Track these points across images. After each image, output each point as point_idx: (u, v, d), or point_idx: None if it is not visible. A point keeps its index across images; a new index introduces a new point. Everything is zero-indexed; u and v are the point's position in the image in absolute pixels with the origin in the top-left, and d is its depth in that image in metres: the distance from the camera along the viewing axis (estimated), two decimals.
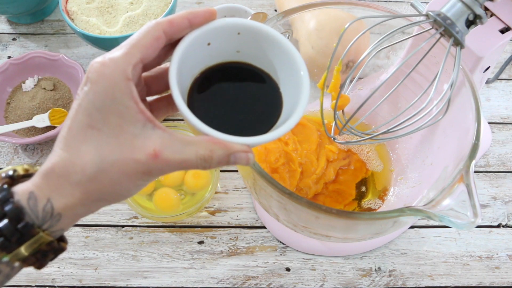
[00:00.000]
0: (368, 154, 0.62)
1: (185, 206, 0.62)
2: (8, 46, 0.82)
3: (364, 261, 0.63)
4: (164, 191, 0.63)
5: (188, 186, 0.63)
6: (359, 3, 0.52)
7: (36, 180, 0.28)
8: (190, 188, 0.63)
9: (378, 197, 0.60)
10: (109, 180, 0.27)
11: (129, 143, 0.27)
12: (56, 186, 0.27)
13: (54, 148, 0.28)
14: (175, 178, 0.63)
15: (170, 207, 0.62)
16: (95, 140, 0.27)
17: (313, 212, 0.41)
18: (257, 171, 0.42)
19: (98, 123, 0.27)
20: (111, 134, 0.27)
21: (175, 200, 0.62)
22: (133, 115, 0.27)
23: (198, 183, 0.63)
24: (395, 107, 0.60)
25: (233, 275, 0.61)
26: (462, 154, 0.43)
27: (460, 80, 0.47)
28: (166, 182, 0.63)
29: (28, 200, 0.27)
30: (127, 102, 0.27)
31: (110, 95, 0.26)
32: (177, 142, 0.27)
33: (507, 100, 0.76)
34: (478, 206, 0.37)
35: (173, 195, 0.62)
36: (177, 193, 0.63)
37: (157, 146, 0.27)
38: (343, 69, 0.64)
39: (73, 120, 0.27)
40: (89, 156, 0.27)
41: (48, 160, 0.28)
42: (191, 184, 0.63)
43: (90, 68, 0.28)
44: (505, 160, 0.70)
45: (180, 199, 0.63)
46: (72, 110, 0.28)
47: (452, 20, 0.41)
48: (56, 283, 0.61)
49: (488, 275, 0.62)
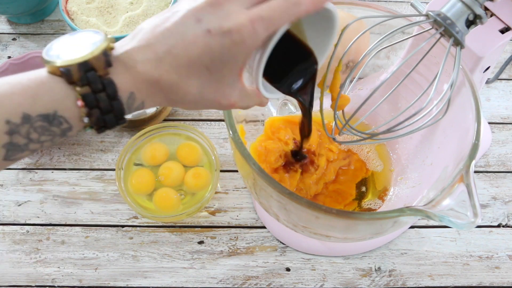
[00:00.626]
0: (368, 154, 0.62)
1: (185, 206, 0.62)
2: (8, 46, 0.82)
3: (364, 261, 0.63)
4: (164, 191, 0.62)
5: (188, 186, 0.63)
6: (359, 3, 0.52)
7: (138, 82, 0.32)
8: (190, 188, 0.63)
9: (378, 197, 0.60)
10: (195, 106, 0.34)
11: (223, 90, 0.34)
12: (154, 94, 0.32)
13: None
14: (175, 178, 0.63)
15: (170, 207, 0.61)
16: (204, 78, 0.32)
17: (313, 212, 0.41)
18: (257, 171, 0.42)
19: (214, 68, 0.32)
20: (217, 79, 0.33)
21: (175, 200, 0.62)
22: (236, 71, 0.33)
23: (198, 183, 0.63)
24: (395, 107, 0.60)
25: (233, 275, 0.61)
26: (462, 154, 0.43)
27: (460, 80, 0.47)
28: (166, 182, 0.63)
29: (128, 99, 0.32)
30: (240, 64, 0.33)
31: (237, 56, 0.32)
32: (245, 96, 0.36)
33: (507, 100, 0.76)
34: (478, 206, 0.37)
35: (173, 195, 0.62)
36: (177, 193, 0.63)
37: (236, 99, 0.35)
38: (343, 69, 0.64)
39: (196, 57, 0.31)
40: (194, 89, 0.33)
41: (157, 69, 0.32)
42: (191, 184, 0.63)
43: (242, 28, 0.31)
44: (505, 160, 0.70)
45: (180, 199, 0.63)
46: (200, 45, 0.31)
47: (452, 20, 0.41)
48: (56, 283, 0.61)
49: (488, 275, 0.62)
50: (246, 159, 0.43)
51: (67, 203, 0.67)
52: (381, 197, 0.59)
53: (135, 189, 0.62)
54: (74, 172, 0.69)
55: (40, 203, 0.67)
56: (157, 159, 0.64)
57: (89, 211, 0.66)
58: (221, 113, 0.74)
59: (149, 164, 0.64)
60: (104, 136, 0.72)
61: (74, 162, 0.70)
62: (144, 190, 0.63)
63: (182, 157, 0.65)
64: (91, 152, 0.71)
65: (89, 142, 0.72)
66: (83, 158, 0.70)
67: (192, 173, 0.63)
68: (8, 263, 0.62)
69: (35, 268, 0.62)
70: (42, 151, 0.71)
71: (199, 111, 0.74)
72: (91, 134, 0.72)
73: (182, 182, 0.63)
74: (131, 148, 0.65)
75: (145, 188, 0.63)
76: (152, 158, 0.64)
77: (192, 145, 0.65)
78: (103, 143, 0.71)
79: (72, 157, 0.70)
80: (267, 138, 0.59)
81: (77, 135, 0.72)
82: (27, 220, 0.65)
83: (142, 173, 0.63)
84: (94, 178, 0.68)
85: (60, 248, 0.63)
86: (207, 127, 0.73)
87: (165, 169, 0.63)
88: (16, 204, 0.67)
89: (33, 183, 0.68)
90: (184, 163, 0.64)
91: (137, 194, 0.63)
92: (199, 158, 0.65)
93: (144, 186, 0.62)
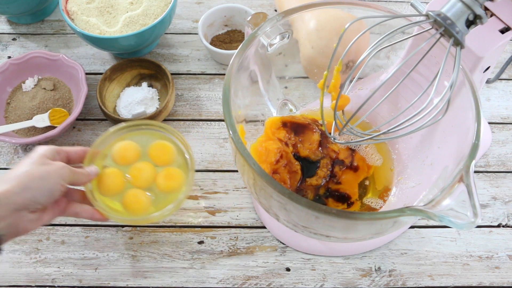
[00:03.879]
0: (367, 149, 0.62)
1: (157, 208, 0.57)
2: (8, 46, 0.82)
3: (364, 261, 0.63)
4: (134, 192, 0.57)
5: (160, 188, 0.58)
6: (359, 3, 0.52)
7: None
8: (162, 189, 0.58)
9: (379, 197, 0.60)
10: None
11: None
12: None
13: None
14: (145, 179, 0.58)
15: (140, 209, 0.57)
16: None
17: (313, 212, 0.41)
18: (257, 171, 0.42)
19: None
20: None
21: (145, 201, 0.57)
22: None
23: (170, 184, 0.58)
24: (395, 107, 0.60)
25: (233, 275, 0.61)
26: (462, 154, 0.43)
27: (460, 80, 0.47)
28: (136, 183, 0.57)
29: None
30: None
31: None
32: None
33: (507, 100, 0.76)
34: (478, 206, 0.37)
35: (143, 196, 0.57)
36: (147, 195, 0.57)
37: None
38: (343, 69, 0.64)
39: None
40: None
41: None
42: (162, 185, 0.58)
43: None
44: (505, 160, 0.70)
45: (151, 201, 0.57)
46: None
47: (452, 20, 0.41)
48: (56, 283, 0.61)
49: (488, 275, 0.62)
50: (246, 159, 0.43)
51: None
52: (382, 197, 0.59)
53: (103, 190, 0.56)
54: None
55: None
56: (128, 159, 0.58)
57: None
58: (221, 113, 0.74)
59: (118, 164, 0.58)
60: None
61: None
62: (112, 192, 0.57)
63: (155, 157, 0.59)
64: None
65: (89, 142, 0.72)
66: None
67: (164, 173, 0.58)
68: (8, 263, 0.62)
69: (35, 268, 0.62)
70: None
71: (199, 111, 0.74)
72: (91, 134, 0.72)
73: (153, 183, 0.58)
74: (101, 146, 0.59)
75: (114, 189, 0.57)
76: (122, 158, 0.58)
77: (165, 144, 0.59)
78: None
79: None
80: (268, 138, 0.59)
81: (77, 135, 0.72)
82: None
83: (111, 173, 0.57)
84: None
85: (60, 248, 0.63)
86: (207, 127, 0.73)
87: (134, 169, 0.58)
88: None
89: None
90: (156, 163, 0.59)
91: (106, 195, 0.57)
92: (172, 158, 0.59)
93: (112, 187, 0.57)
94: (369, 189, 0.61)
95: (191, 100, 0.76)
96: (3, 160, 0.70)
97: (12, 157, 0.70)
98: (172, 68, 0.78)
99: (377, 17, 0.47)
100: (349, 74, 0.46)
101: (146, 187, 0.58)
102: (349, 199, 0.59)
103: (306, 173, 0.59)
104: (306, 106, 0.66)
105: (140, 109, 0.70)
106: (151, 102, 0.72)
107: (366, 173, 0.61)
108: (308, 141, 0.60)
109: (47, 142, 0.71)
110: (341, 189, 0.59)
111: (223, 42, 0.80)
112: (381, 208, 0.59)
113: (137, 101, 0.71)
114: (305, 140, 0.60)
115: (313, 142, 0.60)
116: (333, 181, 0.59)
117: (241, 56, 0.49)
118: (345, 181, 0.60)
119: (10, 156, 0.71)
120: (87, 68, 0.78)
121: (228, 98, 0.46)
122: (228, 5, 0.79)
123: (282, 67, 0.64)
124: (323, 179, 0.59)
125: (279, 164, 0.57)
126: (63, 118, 0.70)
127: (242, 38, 0.81)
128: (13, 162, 0.70)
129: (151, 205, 0.57)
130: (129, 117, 0.70)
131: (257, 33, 0.51)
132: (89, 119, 0.74)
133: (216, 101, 0.76)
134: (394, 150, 0.62)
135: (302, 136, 0.60)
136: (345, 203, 0.59)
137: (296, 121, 0.60)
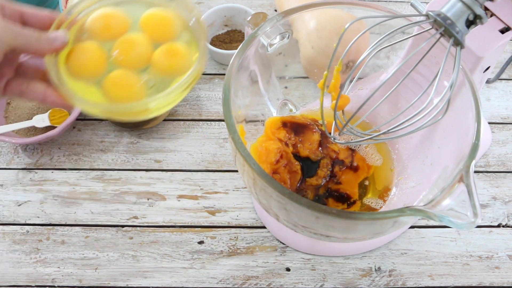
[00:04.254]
0: (367, 149, 0.62)
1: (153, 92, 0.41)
2: None
3: (364, 261, 0.63)
4: (120, 73, 0.40)
5: (158, 69, 0.41)
6: (359, 3, 0.52)
7: None
8: (161, 71, 0.41)
9: (379, 197, 0.60)
10: None
11: None
12: None
13: None
14: (138, 56, 0.41)
15: (129, 96, 0.40)
16: None
17: (313, 212, 0.41)
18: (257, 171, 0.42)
19: None
20: None
21: (137, 84, 0.40)
22: None
23: (174, 64, 0.41)
24: (395, 107, 0.60)
25: (233, 275, 0.61)
26: (462, 154, 0.43)
27: (460, 80, 0.47)
28: (124, 61, 0.40)
29: None
30: None
31: None
32: None
33: (507, 100, 0.76)
34: (478, 206, 0.37)
35: (134, 77, 0.41)
36: (140, 77, 0.41)
37: None
38: (343, 69, 0.64)
39: None
40: None
41: None
42: (162, 65, 0.41)
43: None
44: (505, 160, 0.70)
45: (145, 85, 0.41)
46: None
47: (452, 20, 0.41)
48: (56, 283, 0.61)
49: (488, 275, 0.62)
50: (246, 159, 0.43)
51: (67, 203, 0.67)
52: (383, 197, 0.59)
53: (75, 70, 0.40)
54: (74, 172, 0.69)
55: (40, 203, 0.67)
56: (112, 31, 0.41)
57: (89, 211, 0.66)
58: (221, 113, 0.74)
59: (99, 37, 0.41)
60: (104, 136, 0.72)
61: (74, 162, 0.70)
62: (89, 72, 0.40)
63: (150, 31, 0.42)
64: (91, 152, 0.71)
65: (89, 142, 0.72)
66: (83, 158, 0.70)
67: (165, 49, 0.41)
68: (8, 263, 0.62)
69: (35, 268, 0.62)
70: (42, 151, 0.71)
71: (199, 111, 0.74)
72: (91, 134, 0.72)
73: (149, 63, 0.41)
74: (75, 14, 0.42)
75: (90, 70, 0.40)
76: (104, 29, 0.41)
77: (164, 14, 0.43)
78: (103, 143, 0.71)
79: (72, 157, 0.70)
80: (268, 138, 0.59)
81: (77, 135, 0.72)
82: (27, 220, 0.65)
83: (88, 47, 0.40)
84: (94, 178, 0.68)
85: (60, 248, 0.63)
86: (207, 127, 0.73)
87: (122, 42, 0.41)
88: (16, 204, 0.67)
89: (33, 183, 0.68)
90: (152, 38, 0.42)
91: (79, 78, 0.40)
92: (174, 31, 0.42)
93: (89, 66, 0.40)
94: (369, 189, 0.61)
95: (191, 100, 0.76)
96: (3, 160, 0.70)
97: (12, 157, 0.70)
98: None
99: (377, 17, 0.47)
100: (349, 74, 0.46)
101: (138, 68, 0.41)
102: (349, 199, 0.59)
103: (306, 173, 0.59)
104: (306, 106, 0.66)
105: None
106: None
107: (366, 173, 0.61)
108: (308, 141, 0.60)
109: (47, 142, 0.71)
110: (341, 189, 0.59)
111: (223, 42, 0.80)
112: (381, 208, 0.59)
113: None
114: (305, 140, 0.60)
115: (313, 142, 0.60)
116: (333, 181, 0.59)
117: (241, 56, 0.49)
118: (345, 181, 0.60)
119: (10, 156, 0.71)
120: None
121: (228, 98, 0.46)
122: (228, 5, 0.79)
123: (282, 67, 0.64)
124: (323, 179, 0.59)
125: (279, 164, 0.57)
126: (63, 118, 0.70)
127: (242, 38, 0.80)
128: (13, 162, 0.70)
129: (146, 92, 0.40)
130: None
131: (257, 33, 0.51)
132: (89, 119, 0.74)
133: (216, 101, 0.76)
134: (394, 150, 0.62)
135: (302, 136, 0.60)
136: (345, 203, 0.59)
137: (296, 121, 0.60)
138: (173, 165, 0.70)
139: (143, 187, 0.68)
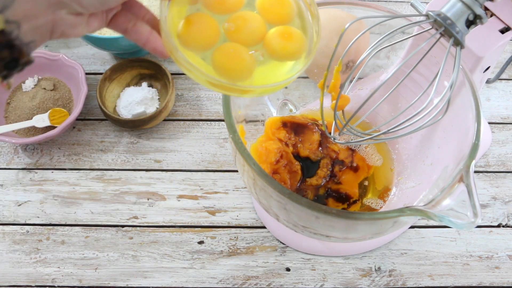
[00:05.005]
0: (367, 149, 0.62)
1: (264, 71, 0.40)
2: None
3: (364, 261, 0.63)
4: (232, 45, 0.39)
5: (271, 49, 0.40)
6: (359, 3, 0.52)
7: None
8: (272, 52, 0.40)
9: (379, 197, 0.60)
10: None
11: None
12: None
13: None
14: (251, 33, 0.40)
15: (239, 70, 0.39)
16: None
17: (313, 212, 0.41)
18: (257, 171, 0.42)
19: None
20: None
21: (248, 58, 0.39)
22: None
23: (288, 47, 0.39)
24: (395, 107, 0.60)
25: (233, 275, 0.61)
26: (462, 154, 0.43)
27: (460, 80, 0.47)
28: (236, 35, 0.39)
29: None
30: None
31: None
32: None
33: (507, 100, 0.76)
34: (478, 206, 0.37)
35: (246, 53, 0.39)
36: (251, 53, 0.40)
37: None
38: (343, 69, 0.64)
39: None
40: None
41: None
42: (277, 46, 0.39)
43: None
44: (505, 160, 0.70)
45: (256, 59, 0.40)
46: None
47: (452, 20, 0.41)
48: (56, 283, 0.61)
49: (488, 275, 0.62)
50: (246, 159, 0.43)
51: (67, 203, 0.67)
52: (383, 197, 0.59)
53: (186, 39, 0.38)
54: (74, 172, 0.69)
55: (40, 203, 0.67)
56: (227, 4, 0.40)
57: (89, 211, 0.66)
58: (221, 113, 0.74)
59: (213, 9, 0.40)
60: (104, 136, 0.72)
61: (74, 162, 0.70)
62: (200, 43, 0.39)
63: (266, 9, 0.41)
64: (91, 152, 0.71)
65: (89, 142, 0.72)
66: (83, 158, 0.70)
67: (280, 31, 0.40)
68: (8, 263, 0.62)
69: (35, 268, 0.62)
70: (42, 151, 0.71)
71: (199, 111, 0.74)
72: (91, 134, 0.72)
73: (261, 42, 0.40)
74: None
75: (202, 40, 0.39)
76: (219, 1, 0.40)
77: None
78: (103, 143, 0.71)
79: (72, 157, 0.70)
80: (268, 138, 0.59)
81: (77, 135, 0.72)
82: (27, 220, 0.65)
83: (202, 19, 0.39)
84: (94, 178, 0.68)
85: (60, 248, 0.63)
86: (207, 127, 0.73)
87: (236, 18, 0.40)
88: (16, 204, 0.67)
89: (33, 183, 0.68)
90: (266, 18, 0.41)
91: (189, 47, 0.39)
92: (290, 14, 0.41)
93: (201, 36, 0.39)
94: (369, 189, 0.61)
95: (191, 100, 0.76)
96: (3, 160, 0.70)
97: (12, 157, 0.70)
98: (172, 68, 0.78)
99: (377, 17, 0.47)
100: (349, 74, 0.46)
101: (250, 45, 0.40)
102: (349, 199, 0.59)
103: (306, 173, 0.59)
104: (306, 106, 0.66)
105: (140, 109, 0.70)
106: (151, 102, 0.72)
107: (366, 173, 0.61)
108: (308, 141, 0.60)
109: (47, 142, 0.71)
110: (341, 189, 0.59)
111: None
112: (381, 208, 0.59)
113: (137, 101, 0.71)
114: (305, 140, 0.60)
115: (313, 142, 0.60)
116: (333, 181, 0.59)
117: None
118: (345, 181, 0.60)
119: (10, 156, 0.71)
120: (87, 68, 0.78)
121: (228, 98, 0.46)
122: None
123: None
124: (323, 179, 0.59)
125: (279, 164, 0.57)
126: (63, 118, 0.70)
127: None
128: (13, 162, 0.70)
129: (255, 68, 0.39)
130: (129, 117, 0.70)
131: None
132: (89, 119, 0.74)
133: (216, 101, 0.76)
134: (394, 150, 0.62)
135: (302, 136, 0.60)
136: (345, 203, 0.59)
137: (296, 121, 0.60)
138: (173, 165, 0.70)
139: (143, 187, 0.68)
